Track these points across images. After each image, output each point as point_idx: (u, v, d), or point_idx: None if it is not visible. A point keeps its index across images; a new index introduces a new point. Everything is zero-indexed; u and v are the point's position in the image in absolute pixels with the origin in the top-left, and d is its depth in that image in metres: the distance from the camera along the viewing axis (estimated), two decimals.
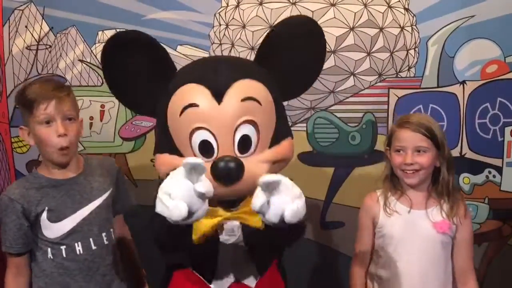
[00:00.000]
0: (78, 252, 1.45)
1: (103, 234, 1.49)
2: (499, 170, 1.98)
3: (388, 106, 1.97)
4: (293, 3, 1.91)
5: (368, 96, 1.97)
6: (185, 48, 1.95)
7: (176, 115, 1.23)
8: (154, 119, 1.93)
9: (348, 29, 1.92)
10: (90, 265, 1.47)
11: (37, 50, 2.00)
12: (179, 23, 1.95)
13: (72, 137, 1.43)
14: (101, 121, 2.03)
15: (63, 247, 1.44)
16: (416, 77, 1.95)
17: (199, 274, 1.35)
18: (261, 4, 1.92)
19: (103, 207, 1.50)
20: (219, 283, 1.34)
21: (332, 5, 1.91)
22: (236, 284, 1.35)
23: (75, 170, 1.48)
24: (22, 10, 1.98)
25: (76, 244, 1.45)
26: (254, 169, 1.20)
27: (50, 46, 1.99)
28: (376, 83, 1.96)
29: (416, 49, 1.94)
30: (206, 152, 1.23)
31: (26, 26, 1.98)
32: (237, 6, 1.94)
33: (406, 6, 1.92)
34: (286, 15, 1.89)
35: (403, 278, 1.51)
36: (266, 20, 1.92)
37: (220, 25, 1.95)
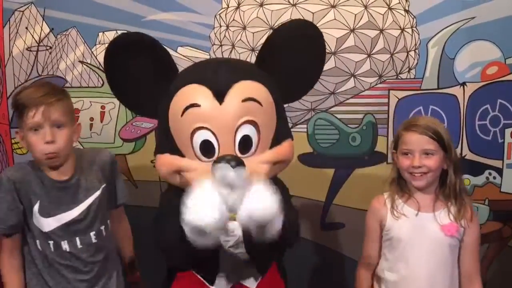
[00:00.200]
0: (64, 249, 1.46)
1: (92, 233, 1.49)
2: (499, 172, 1.98)
3: (389, 108, 1.97)
4: (294, 5, 1.91)
5: (369, 98, 1.97)
6: (186, 50, 1.95)
7: (178, 116, 1.24)
8: (154, 120, 1.93)
9: (349, 31, 1.92)
10: (77, 263, 1.47)
11: (38, 51, 2.00)
12: (180, 25, 1.95)
13: (61, 144, 1.41)
14: (102, 122, 2.02)
15: (51, 242, 1.46)
16: (417, 79, 1.95)
17: (201, 276, 1.35)
18: (262, 6, 1.92)
19: (94, 207, 1.50)
20: (221, 285, 1.35)
21: (333, 7, 1.92)
22: (237, 286, 1.35)
23: (68, 173, 1.48)
24: (23, 11, 1.98)
25: (63, 242, 1.46)
26: (255, 169, 1.20)
27: (51, 47, 1.99)
28: (377, 85, 1.96)
29: (416, 51, 1.94)
30: (207, 152, 1.23)
31: (27, 27, 1.98)
32: (238, 8, 1.94)
33: (407, 8, 1.92)
34: (287, 17, 1.90)
35: (410, 281, 1.50)
36: (267, 22, 1.92)
37: (221, 27, 1.95)
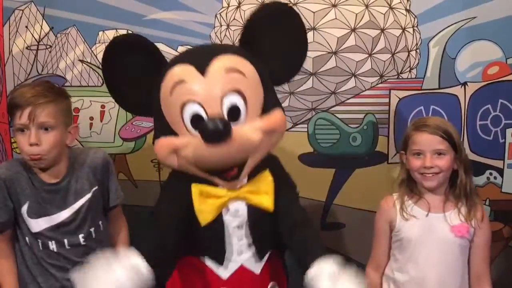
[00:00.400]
0: (52, 249, 1.47)
1: (80, 236, 1.49)
2: (500, 172, 1.97)
3: (389, 108, 1.96)
4: (294, 4, 1.90)
5: (369, 97, 1.96)
6: (186, 49, 1.94)
7: (168, 96, 1.27)
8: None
9: (349, 30, 1.92)
10: (64, 262, 1.48)
11: (37, 50, 1.99)
12: (180, 24, 1.94)
13: (46, 147, 1.41)
14: (101, 122, 2.02)
15: (39, 241, 1.46)
16: (417, 79, 1.95)
17: (205, 259, 1.37)
18: None
19: (83, 209, 1.49)
20: (225, 267, 1.36)
21: (333, 6, 1.91)
22: (242, 269, 1.37)
23: (59, 175, 1.47)
24: (23, 10, 1.97)
25: (50, 243, 1.46)
26: (247, 134, 1.23)
27: (51, 46, 1.99)
28: (377, 84, 1.96)
29: (418, 50, 1.93)
30: (198, 126, 1.25)
31: (27, 26, 1.98)
32: (238, 7, 1.93)
33: (408, 7, 1.91)
34: None
35: (420, 282, 1.50)
36: None
37: (221, 26, 1.94)
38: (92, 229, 1.51)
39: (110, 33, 1.94)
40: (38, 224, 1.45)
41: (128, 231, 1.67)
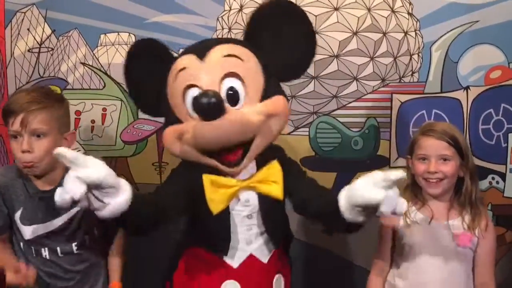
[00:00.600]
0: (45, 256, 1.46)
1: (73, 244, 1.48)
2: (503, 176, 1.97)
3: (391, 111, 1.96)
4: None
5: (371, 101, 1.96)
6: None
7: (172, 83, 1.33)
8: (156, 123, 1.93)
9: (352, 34, 1.91)
10: (57, 269, 1.48)
11: (39, 53, 1.99)
12: (182, 27, 1.94)
13: (38, 154, 1.39)
14: (103, 125, 2.02)
15: (33, 248, 1.46)
16: (420, 82, 1.94)
17: (213, 248, 1.38)
18: None
19: (77, 218, 1.48)
20: (233, 257, 1.37)
21: (336, 10, 1.91)
22: (252, 258, 1.37)
23: (53, 182, 1.46)
24: (25, 13, 1.97)
25: (43, 250, 1.46)
26: (245, 115, 1.26)
27: (52, 49, 1.99)
28: (379, 88, 1.95)
29: (420, 54, 1.93)
30: None
31: (28, 29, 1.98)
32: (240, 10, 1.93)
33: (410, 11, 1.91)
34: None
35: None
36: None
37: (223, 29, 1.94)
38: (86, 237, 1.50)
39: (112, 36, 1.94)
40: (31, 231, 1.44)
41: (126, 238, 1.65)
